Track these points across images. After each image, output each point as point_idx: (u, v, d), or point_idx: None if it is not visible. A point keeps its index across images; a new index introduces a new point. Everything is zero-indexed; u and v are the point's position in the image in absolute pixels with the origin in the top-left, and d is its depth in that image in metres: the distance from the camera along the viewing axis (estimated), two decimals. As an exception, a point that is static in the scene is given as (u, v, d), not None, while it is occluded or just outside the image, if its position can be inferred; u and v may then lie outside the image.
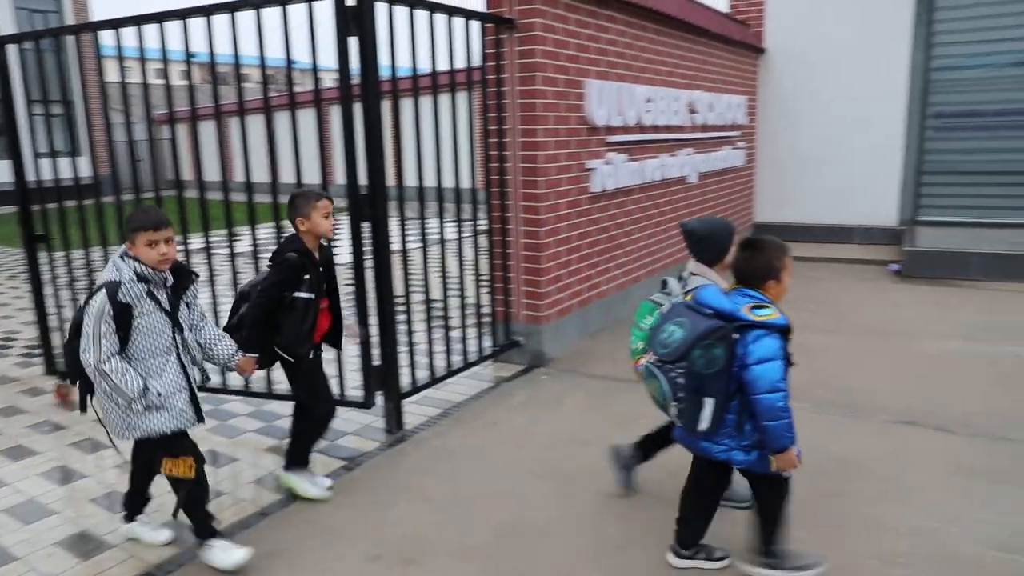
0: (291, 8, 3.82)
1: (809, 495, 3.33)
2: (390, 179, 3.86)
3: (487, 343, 5.04)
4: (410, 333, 4.34)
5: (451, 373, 4.64)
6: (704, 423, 2.43)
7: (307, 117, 8.01)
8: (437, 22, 4.12)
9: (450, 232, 9.34)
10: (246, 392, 4.34)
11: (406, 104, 5.51)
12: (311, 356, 3.24)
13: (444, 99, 4.49)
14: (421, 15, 4.07)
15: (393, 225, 3.98)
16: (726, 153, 8.11)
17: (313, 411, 3.33)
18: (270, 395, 4.25)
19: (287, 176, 4.29)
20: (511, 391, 4.69)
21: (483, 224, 5.08)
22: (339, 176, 5.13)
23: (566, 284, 5.35)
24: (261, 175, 5.21)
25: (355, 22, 3.60)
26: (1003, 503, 3.19)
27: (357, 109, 3.68)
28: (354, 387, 4.15)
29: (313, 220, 3.14)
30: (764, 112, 9.32)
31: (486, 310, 5.09)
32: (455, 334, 5.15)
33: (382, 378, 4.02)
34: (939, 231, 8.31)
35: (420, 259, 5.21)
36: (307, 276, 3.11)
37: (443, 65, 4.98)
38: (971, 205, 8.57)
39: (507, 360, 5.15)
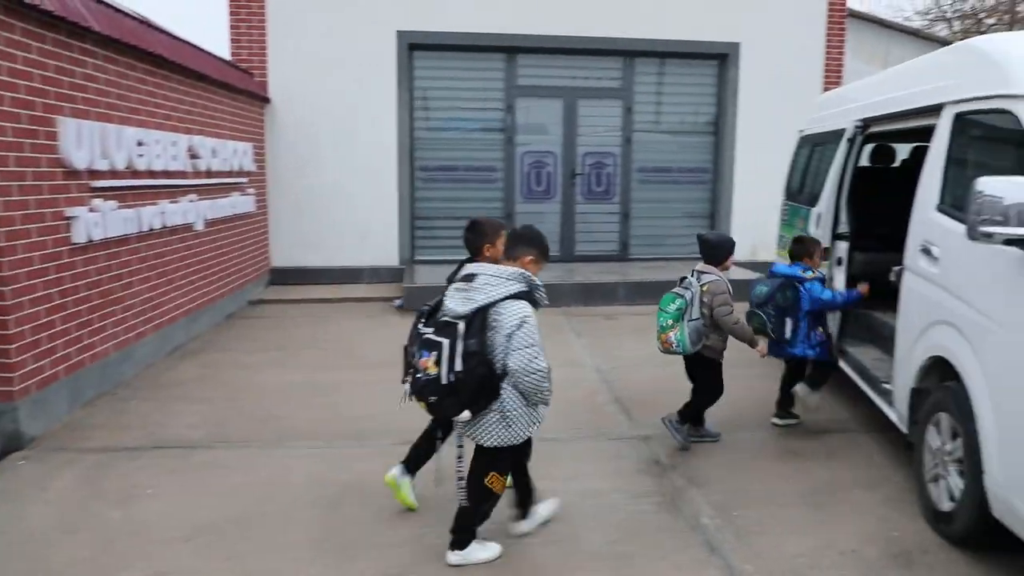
0: None
1: (328, 525, 3.48)
2: None
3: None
4: None
5: None
6: (788, 334, 4.44)
7: None
8: None
9: None
10: None
11: None
12: None
13: None
14: None
15: None
16: (234, 199, 8.05)
17: None
18: None
19: None
20: (-27, 487, 3.87)
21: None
22: None
23: (49, 349, 4.64)
24: None
25: None
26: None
27: None
28: None
29: None
30: (273, 159, 9.53)
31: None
32: None
33: None
34: (432, 268, 9.55)
35: None
36: None
37: None
38: (453, 245, 10.04)
39: (-31, 449, 4.23)
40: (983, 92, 3.48)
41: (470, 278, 3.04)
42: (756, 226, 9.85)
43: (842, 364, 5.18)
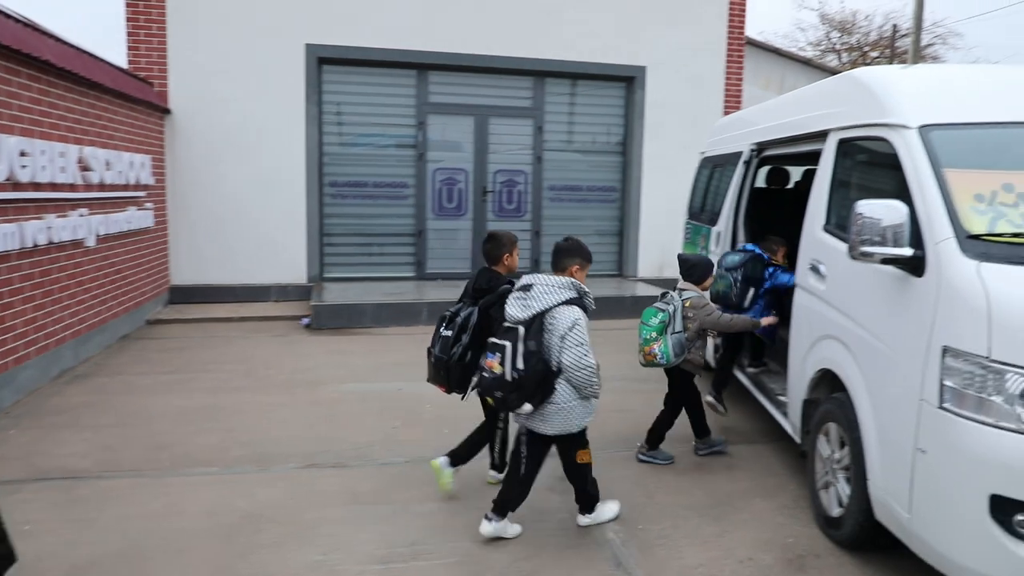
0: None
1: (223, 557, 3.32)
2: None
3: None
4: None
5: None
6: (747, 303, 4.77)
7: None
8: None
9: None
10: None
11: None
12: None
13: None
14: None
15: None
16: (130, 214, 7.67)
17: None
18: None
19: None
20: None
21: None
22: None
23: (-87, 374, 4.28)
24: None
25: None
26: (383, 522, 3.72)
27: None
28: None
29: None
30: (174, 173, 9.15)
31: None
32: None
33: None
34: (341, 285, 9.38)
35: None
36: None
37: None
38: (363, 262, 9.95)
39: None
40: (863, 120, 3.71)
41: (527, 288, 3.44)
42: (662, 244, 10.16)
43: (741, 377, 5.38)
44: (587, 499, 3.72)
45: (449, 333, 3.74)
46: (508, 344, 3.29)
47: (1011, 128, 3.38)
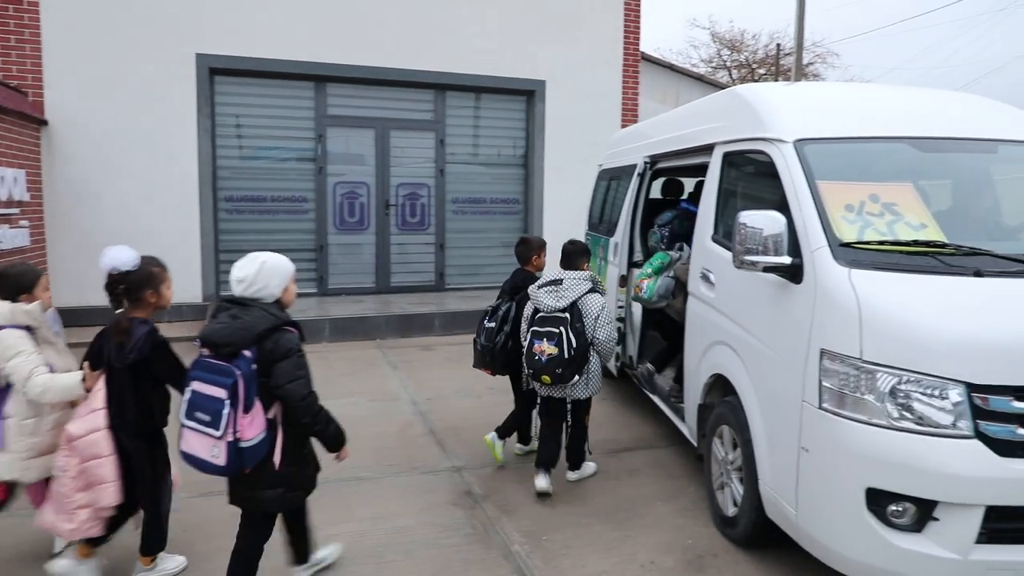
0: None
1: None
2: None
3: None
4: None
5: None
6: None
7: None
8: None
9: None
10: None
11: None
12: None
13: None
14: None
15: None
16: (2, 232, 7.15)
17: None
18: None
19: None
20: None
21: None
22: None
23: None
24: None
25: None
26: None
27: None
28: None
29: None
30: (52, 188, 8.59)
31: None
32: None
33: None
34: (240, 304, 9.02)
35: None
36: None
37: None
38: (263, 279, 9.61)
39: None
40: (745, 135, 3.88)
41: (558, 283, 4.18)
42: (566, 255, 10.32)
43: (640, 383, 5.51)
44: (580, 456, 4.45)
45: (492, 325, 4.43)
46: (562, 329, 4.01)
47: (878, 143, 3.62)
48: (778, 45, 30.13)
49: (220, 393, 2.62)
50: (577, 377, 4.09)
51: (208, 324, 2.84)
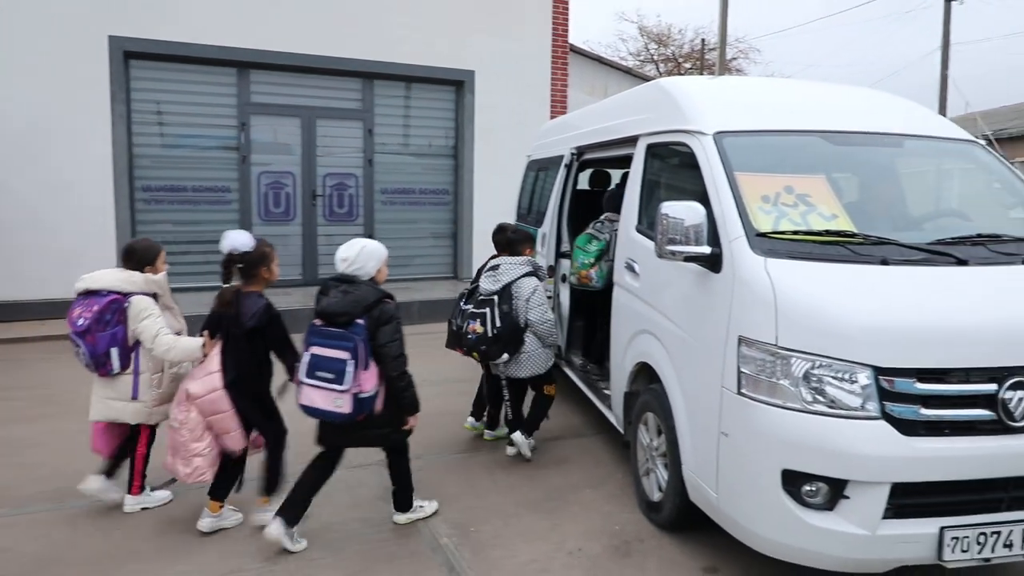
0: None
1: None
2: None
3: None
4: None
5: None
6: None
7: None
8: None
9: None
10: None
11: None
12: None
13: None
14: None
15: None
16: None
17: None
18: None
19: None
20: None
21: None
22: None
23: None
24: None
25: None
26: (198, 551, 3.47)
27: None
28: None
29: None
30: (-50, 177, 8.07)
31: None
32: None
33: None
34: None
35: None
36: None
37: None
38: (184, 271, 9.22)
39: None
40: (668, 127, 3.95)
41: (496, 268, 4.48)
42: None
43: (568, 372, 5.57)
44: (532, 426, 4.67)
45: (468, 307, 4.52)
46: (487, 310, 4.30)
47: (793, 136, 3.74)
48: (703, 40, 30.85)
49: (343, 355, 3.19)
50: (507, 356, 4.34)
51: (322, 299, 3.37)
